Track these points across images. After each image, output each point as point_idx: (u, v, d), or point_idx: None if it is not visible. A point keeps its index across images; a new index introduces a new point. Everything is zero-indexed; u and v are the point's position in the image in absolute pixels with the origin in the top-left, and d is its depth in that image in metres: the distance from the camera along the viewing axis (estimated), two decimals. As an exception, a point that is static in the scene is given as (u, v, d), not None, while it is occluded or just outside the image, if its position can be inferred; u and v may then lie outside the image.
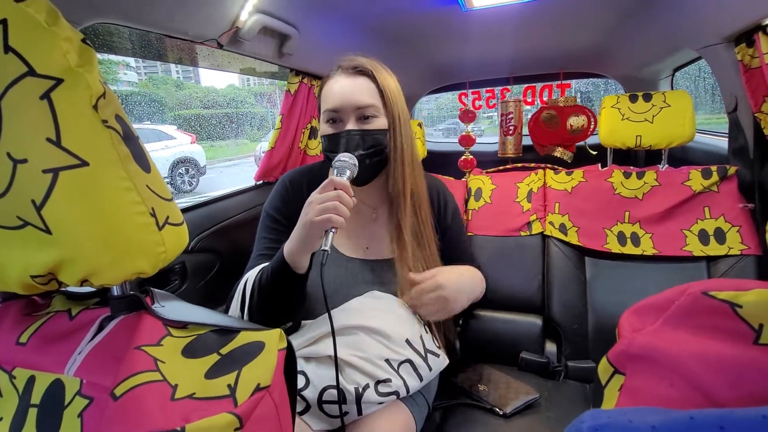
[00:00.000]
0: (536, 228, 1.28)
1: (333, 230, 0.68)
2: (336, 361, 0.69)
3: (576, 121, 1.76)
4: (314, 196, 0.70)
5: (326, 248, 0.67)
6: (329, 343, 0.73)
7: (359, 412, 0.71)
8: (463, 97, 2.03)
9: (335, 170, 0.75)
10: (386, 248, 0.91)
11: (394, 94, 0.85)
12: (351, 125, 0.81)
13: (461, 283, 0.87)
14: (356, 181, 0.81)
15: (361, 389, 0.71)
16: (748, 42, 1.00)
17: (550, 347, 1.19)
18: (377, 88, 0.83)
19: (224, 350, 0.39)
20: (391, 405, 0.76)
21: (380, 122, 0.83)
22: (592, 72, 1.99)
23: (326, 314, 0.74)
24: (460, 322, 1.25)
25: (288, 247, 0.73)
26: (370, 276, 0.87)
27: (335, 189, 0.69)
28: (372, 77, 0.83)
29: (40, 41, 0.33)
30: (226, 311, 0.83)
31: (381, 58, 0.91)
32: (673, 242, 1.13)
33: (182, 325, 0.42)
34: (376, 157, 0.83)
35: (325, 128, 0.84)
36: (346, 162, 0.75)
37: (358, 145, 0.80)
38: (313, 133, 1.53)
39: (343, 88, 0.81)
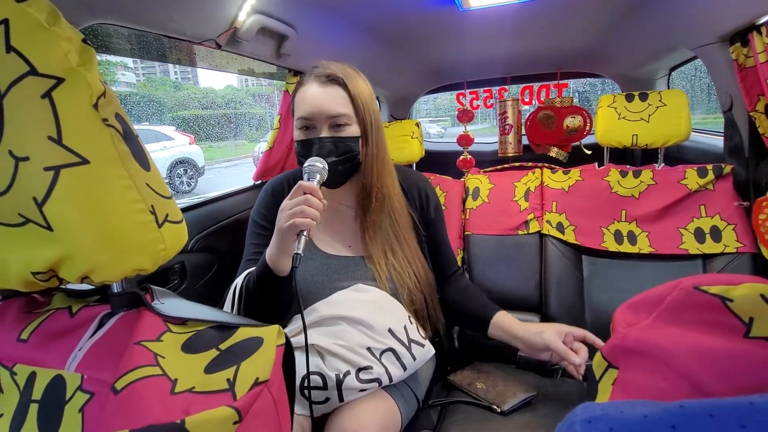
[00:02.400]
0: (534, 227, 1.29)
1: (304, 233, 0.70)
2: (306, 352, 0.71)
3: (572, 122, 1.77)
4: (285, 202, 0.73)
5: (298, 251, 0.69)
6: (311, 333, 0.77)
7: (340, 399, 0.74)
8: (460, 97, 2.04)
9: (305, 174, 0.77)
10: (367, 245, 0.93)
11: (366, 102, 0.86)
12: (324, 132, 0.83)
13: None
14: (330, 185, 0.84)
15: (342, 375, 0.74)
16: (743, 41, 1.01)
17: (548, 345, 1.19)
18: (349, 97, 0.84)
19: (223, 346, 0.40)
20: (376, 394, 0.78)
21: (352, 130, 0.84)
22: (588, 72, 2.00)
23: (308, 308, 0.80)
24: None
25: (269, 252, 0.76)
26: (353, 272, 0.89)
27: (304, 193, 0.71)
28: (344, 86, 0.84)
29: (41, 41, 0.34)
30: None
31: (379, 58, 0.92)
32: (669, 240, 1.14)
33: (182, 322, 0.42)
34: (348, 163, 0.85)
35: (298, 134, 0.86)
36: (316, 166, 0.77)
37: (330, 152, 0.82)
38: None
39: (316, 97, 0.83)
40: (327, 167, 0.79)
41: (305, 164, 0.78)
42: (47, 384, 0.39)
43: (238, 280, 0.82)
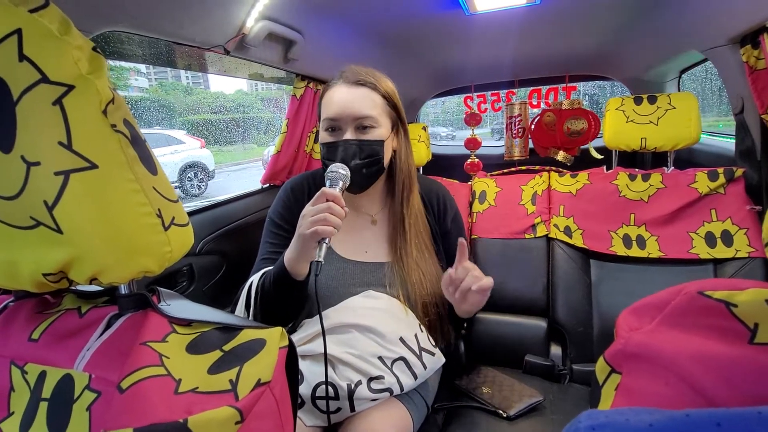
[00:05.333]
0: (541, 230, 1.28)
1: (326, 241, 0.70)
2: (326, 360, 0.71)
3: (574, 125, 1.76)
4: (307, 208, 0.73)
5: (319, 259, 0.69)
6: (321, 341, 0.75)
7: (352, 409, 0.73)
8: (468, 100, 2.04)
9: (328, 181, 0.77)
10: (384, 252, 0.93)
11: (397, 100, 0.88)
12: (349, 135, 0.83)
13: None
14: (354, 188, 0.84)
15: (353, 385, 0.73)
16: (754, 43, 1.00)
17: (555, 350, 1.19)
18: (381, 96, 0.85)
19: (227, 347, 0.41)
20: (388, 402, 0.78)
21: (378, 133, 0.84)
22: (597, 75, 1.99)
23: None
24: (465, 324, 1.25)
25: (287, 256, 0.76)
26: (368, 278, 0.89)
27: (327, 200, 0.71)
28: (373, 87, 0.85)
29: (52, 50, 0.35)
30: (232, 312, 0.85)
31: (386, 62, 0.93)
32: (679, 245, 1.12)
33: (187, 323, 0.43)
34: (373, 167, 0.85)
35: (324, 136, 0.86)
36: (339, 173, 0.77)
37: (355, 155, 0.82)
38: (318, 136, 1.55)
39: (343, 98, 0.83)
40: (349, 174, 0.79)
41: (328, 171, 0.78)
42: (56, 383, 0.40)
43: (254, 278, 0.83)
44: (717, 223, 1.11)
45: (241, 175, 9.85)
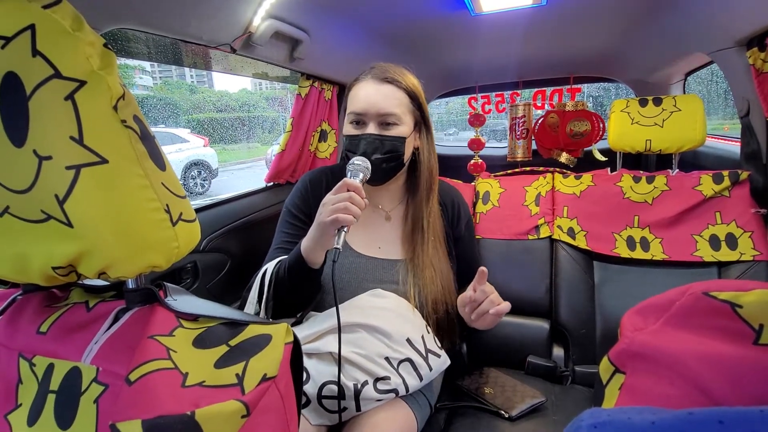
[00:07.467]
0: (544, 232, 1.28)
1: (345, 229, 0.72)
2: (339, 358, 0.71)
3: (577, 126, 1.76)
4: (328, 197, 0.75)
5: (338, 246, 0.71)
6: (330, 340, 0.76)
7: (358, 408, 0.74)
8: (472, 101, 2.04)
9: (349, 173, 0.80)
10: (398, 249, 0.94)
11: (422, 98, 0.91)
12: (372, 129, 0.86)
13: None
14: (372, 182, 0.86)
15: (359, 385, 0.74)
16: (760, 46, 0.99)
17: (558, 351, 1.19)
18: (406, 94, 0.88)
19: (233, 342, 0.41)
20: (392, 402, 0.78)
21: (400, 130, 0.87)
22: (602, 76, 1.98)
23: (329, 311, 0.80)
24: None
25: (305, 243, 0.78)
26: (380, 274, 0.90)
27: (348, 190, 0.74)
28: (399, 85, 0.88)
29: (65, 45, 0.35)
30: (241, 304, 0.87)
31: (390, 62, 0.93)
32: (683, 247, 1.12)
33: (193, 318, 0.43)
34: (392, 162, 0.87)
35: (348, 128, 0.89)
36: (360, 165, 0.80)
37: (376, 149, 0.85)
38: (323, 136, 1.55)
39: (369, 95, 0.86)
40: (370, 167, 0.82)
41: (349, 163, 0.81)
42: (64, 375, 0.41)
43: (269, 266, 0.84)
44: (721, 226, 1.11)
45: (244, 174, 9.88)
